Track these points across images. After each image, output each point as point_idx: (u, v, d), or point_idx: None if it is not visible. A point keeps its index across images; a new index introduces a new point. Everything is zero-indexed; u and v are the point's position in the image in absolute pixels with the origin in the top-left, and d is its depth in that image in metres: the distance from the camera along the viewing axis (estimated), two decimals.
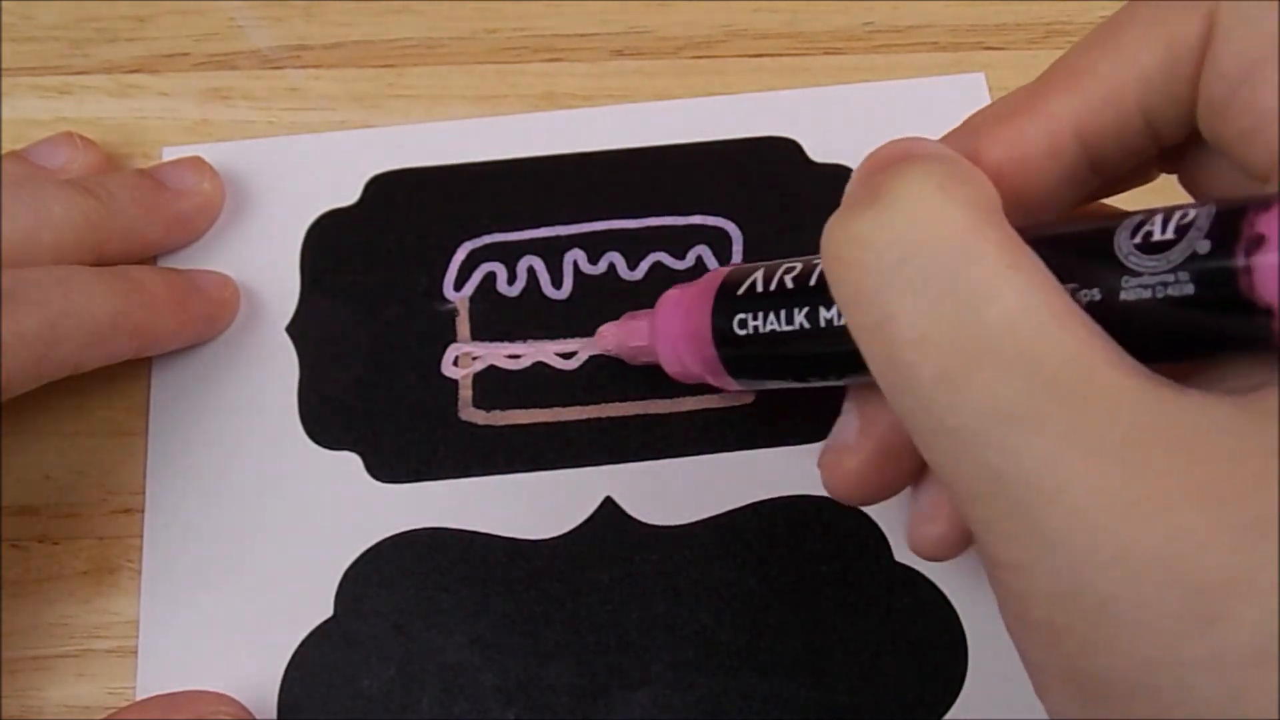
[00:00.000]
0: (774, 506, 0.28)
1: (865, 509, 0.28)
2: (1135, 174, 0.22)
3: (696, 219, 0.31)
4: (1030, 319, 0.16)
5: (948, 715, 0.26)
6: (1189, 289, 0.17)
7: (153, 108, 0.33)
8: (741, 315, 0.24)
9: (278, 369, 0.30)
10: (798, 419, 0.29)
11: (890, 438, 0.23)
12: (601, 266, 0.31)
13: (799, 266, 0.23)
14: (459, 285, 0.31)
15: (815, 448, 0.28)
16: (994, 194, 0.18)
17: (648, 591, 0.27)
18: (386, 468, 0.29)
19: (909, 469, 0.23)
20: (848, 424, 0.23)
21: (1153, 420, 0.15)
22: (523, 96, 0.33)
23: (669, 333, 0.26)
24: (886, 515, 0.28)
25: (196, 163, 0.31)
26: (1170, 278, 0.17)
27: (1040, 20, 0.33)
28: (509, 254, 0.31)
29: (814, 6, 0.34)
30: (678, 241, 0.31)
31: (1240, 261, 0.16)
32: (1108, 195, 0.22)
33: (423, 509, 0.28)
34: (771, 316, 0.23)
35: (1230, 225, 0.16)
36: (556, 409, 0.29)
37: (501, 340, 0.30)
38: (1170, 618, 0.14)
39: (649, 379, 0.29)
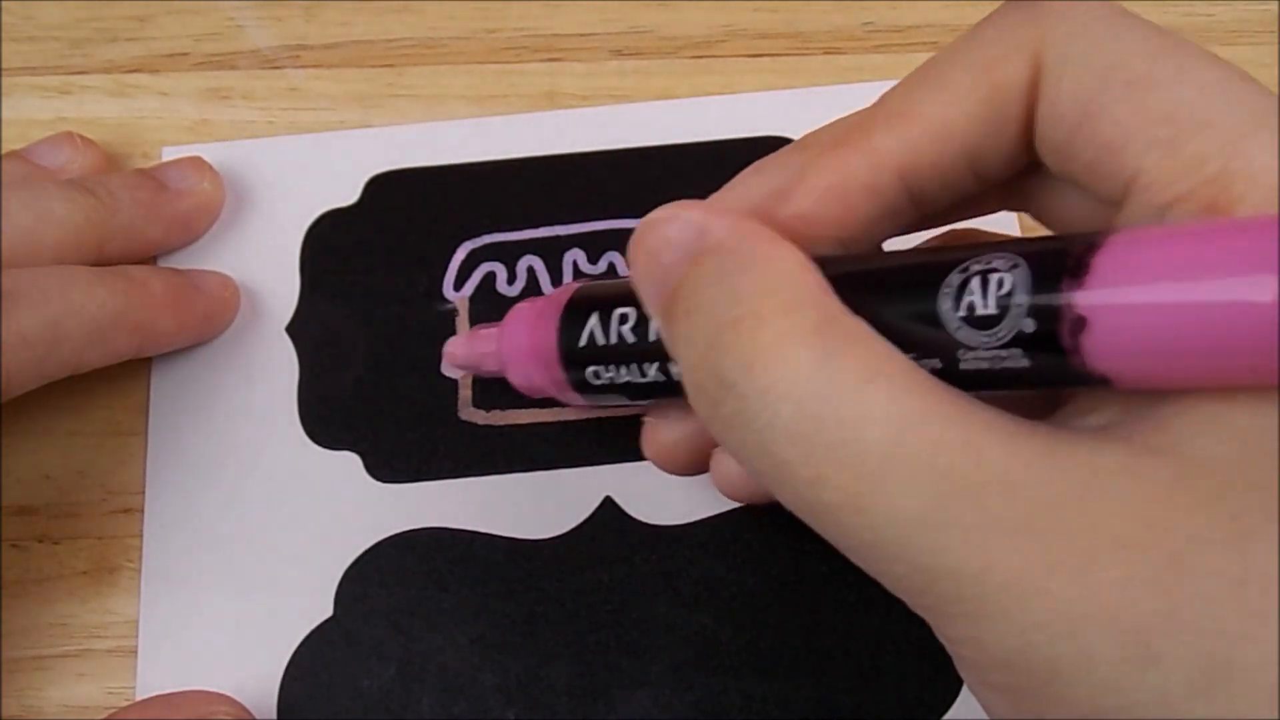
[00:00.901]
0: (774, 506, 0.28)
1: None
2: (961, 208, 0.22)
3: None
4: (907, 429, 0.16)
5: (947, 715, 0.26)
6: (1025, 363, 0.17)
7: (152, 108, 0.33)
8: (594, 368, 0.24)
9: (278, 369, 0.30)
10: None
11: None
12: (601, 266, 0.31)
13: (633, 316, 0.22)
14: (459, 285, 0.31)
15: None
16: (816, 283, 0.18)
17: (648, 591, 0.28)
18: (386, 468, 0.29)
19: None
20: (675, 402, 0.24)
21: (1051, 484, 0.16)
22: (523, 96, 0.33)
23: (516, 351, 0.26)
24: None
25: (196, 162, 0.31)
26: (1004, 353, 0.17)
27: None
28: (509, 254, 0.31)
29: (814, 6, 0.34)
30: None
31: (1067, 342, 0.16)
32: (931, 226, 0.22)
33: (423, 509, 0.28)
34: (624, 370, 0.23)
35: (1049, 300, 0.16)
36: (556, 409, 0.29)
37: None
38: (1112, 663, 0.15)
39: None
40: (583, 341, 0.24)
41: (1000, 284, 0.17)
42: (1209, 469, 0.15)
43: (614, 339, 0.23)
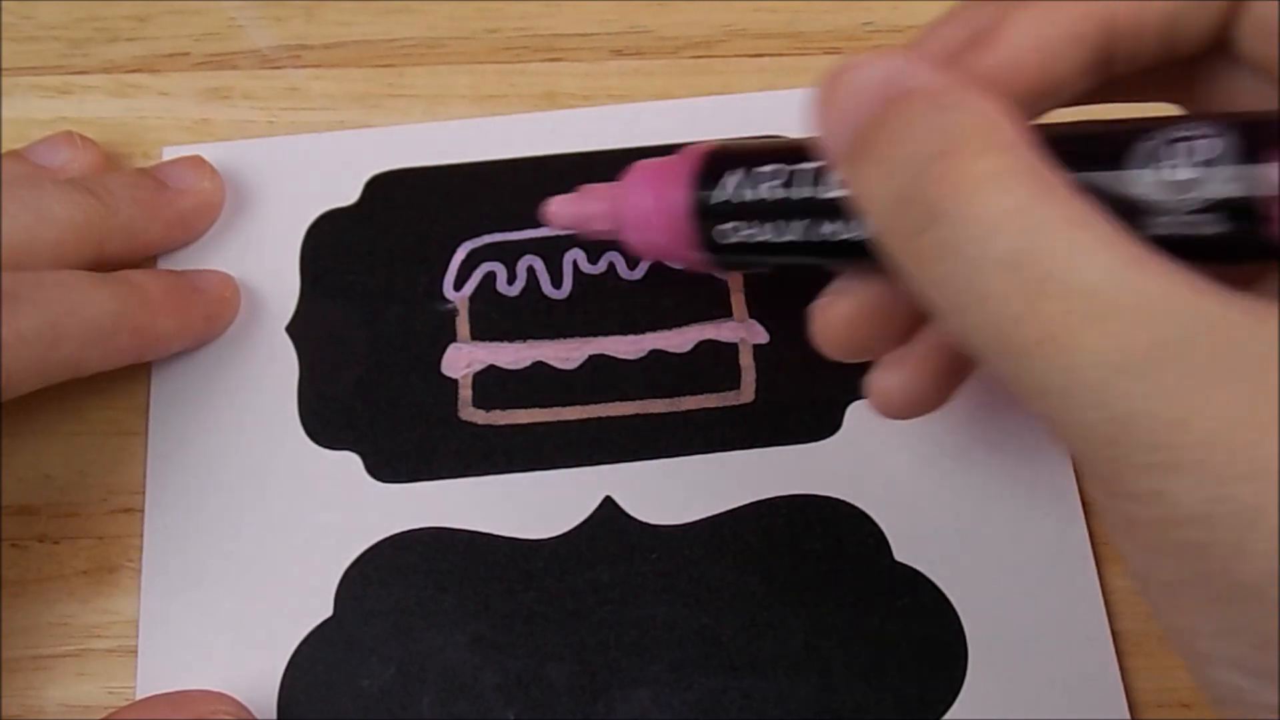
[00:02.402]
0: (774, 506, 0.28)
1: (865, 509, 0.28)
2: (1128, 86, 0.22)
3: None
4: (1122, 272, 0.16)
5: (948, 715, 0.26)
6: (1218, 229, 0.17)
7: (153, 107, 0.33)
8: (732, 223, 0.23)
9: (278, 369, 0.30)
10: (798, 419, 0.29)
11: (889, 295, 0.23)
12: (601, 266, 0.31)
13: (784, 172, 0.22)
14: (459, 285, 0.31)
15: (815, 447, 0.29)
16: (1022, 130, 0.18)
17: (648, 591, 0.28)
18: (386, 468, 0.29)
19: (900, 330, 0.24)
20: (848, 281, 0.24)
21: (1259, 339, 0.16)
22: (523, 96, 0.33)
23: (639, 207, 0.25)
24: (887, 514, 0.28)
25: (196, 162, 0.31)
26: (1198, 218, 0.17)
27: None
28: (509, 254, 0.31)
29: (814, 6, 0.34)
30: None
31: (1266, 211, 0.16)
32: (1103, 101, 0.22)
33: (423, 509, 0.28)
34: (766, 227, 0.22)
35: (1251, 169, 0.17)
36: (556, 409, 0.29)
37: (502, 340, 0.30)
38: None
39: (649, 379, 0.29)
40: (722, 197, 0.23)
41: (1200, 150, 0.17)
42: None
43: (758, 195, 0.23)
